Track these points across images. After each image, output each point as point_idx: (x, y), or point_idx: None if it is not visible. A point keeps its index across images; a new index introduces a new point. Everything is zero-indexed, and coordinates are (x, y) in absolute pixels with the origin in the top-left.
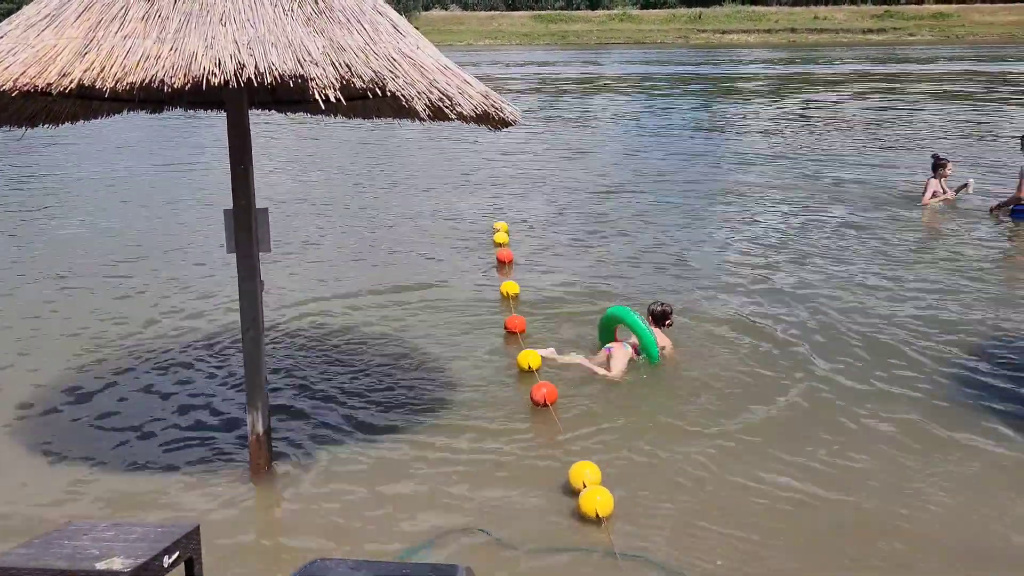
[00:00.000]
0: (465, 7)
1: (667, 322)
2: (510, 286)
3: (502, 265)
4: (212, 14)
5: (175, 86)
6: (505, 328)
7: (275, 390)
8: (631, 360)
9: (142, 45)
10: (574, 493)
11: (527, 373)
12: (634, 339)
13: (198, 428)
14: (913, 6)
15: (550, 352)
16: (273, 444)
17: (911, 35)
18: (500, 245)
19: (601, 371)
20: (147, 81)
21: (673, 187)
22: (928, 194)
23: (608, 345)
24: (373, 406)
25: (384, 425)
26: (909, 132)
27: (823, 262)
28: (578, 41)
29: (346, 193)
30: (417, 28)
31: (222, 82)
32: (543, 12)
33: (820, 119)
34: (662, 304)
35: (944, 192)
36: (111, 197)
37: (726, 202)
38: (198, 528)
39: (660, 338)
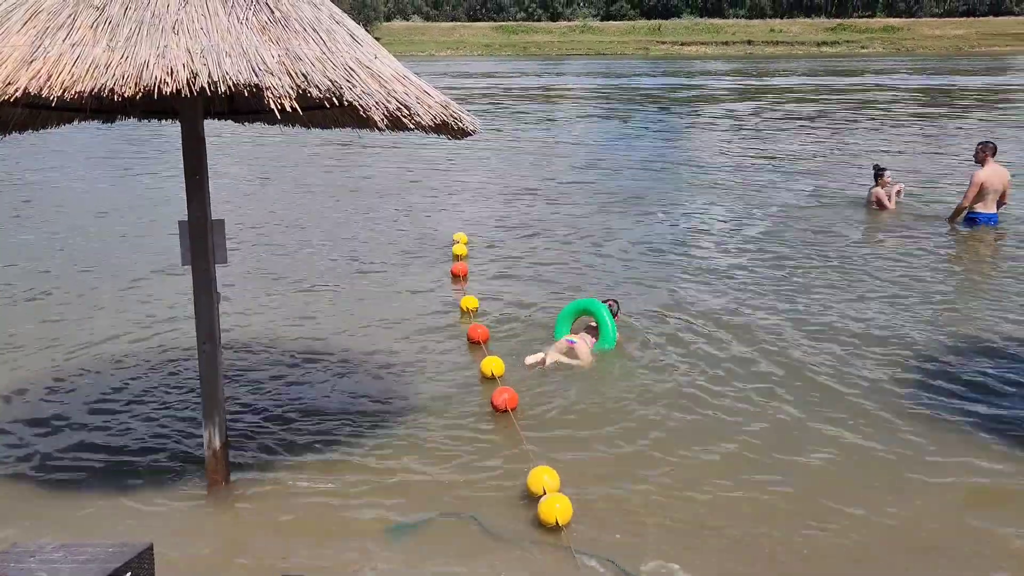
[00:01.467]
0: (427, 18)
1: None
2: (469, 301)
3: (457, 278)
4: (164, 22)
5: (126, 95)
6: (468, 338)
7: (232, 403)
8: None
9: (91, 53)
10: (534, 499)
11: (490, 380)
12: (585, 334)
13: (152, 443)
14: (865, 19)
15: (537, 358)
16: (230, 458)
17: (863, 47)
18: (459, 257)
19: (576, 362)
20: (96, 90)
21: (630, 195)
22: (882, 201)
23: (569, 338)
24: (333, 418)
25: (344, 436)
26: (859, 142)
27: (775, 271)
28: (539, 52)
29: (303, 204)
30: (378, 38)
31: (174, 91)
32: (504, 23)
33: (773, 129)
34: (614, 300)
35: (888, 200)
36: (61, 207)
37: (681, 210)
38: (151, 547)
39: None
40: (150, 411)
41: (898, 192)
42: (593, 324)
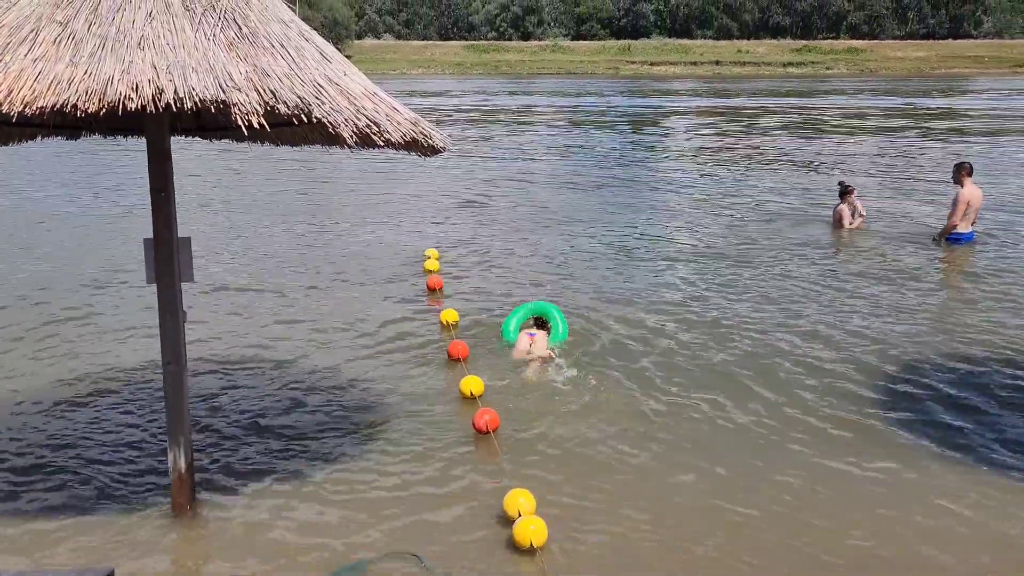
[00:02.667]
0: (398, 36)
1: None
2: (449, 314)
3: (432, 292)
4: (130, 38)
5: (89, 111)
6: (448, 355)
7: (198, 426)
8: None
9: (53, 68)
10: (509, 522)
11: (469, 400)
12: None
13: (115, 466)
14: (829, 41)
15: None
16: (196, 482)
17: (828, 68)
18: (431, 272)
19: (541, 355)
20: (59, 105)
21: (599, 211)
22: (844, 219)
23: (529, 331)
24: (304, 439)
25: (315, 460)
26: (828, 160)
27: (747, 290)
28: (510, 71)
29: (274, 220)
30: (349, 56)
31: (139, 107)
32: (476, 42)
33: (741, 147)
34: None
35: (852, 218)
36: (23, 225)
37: (649, 227)
38: (113, 573)
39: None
40: (113, 433)
41: (859, 212)
42: (532, 325)
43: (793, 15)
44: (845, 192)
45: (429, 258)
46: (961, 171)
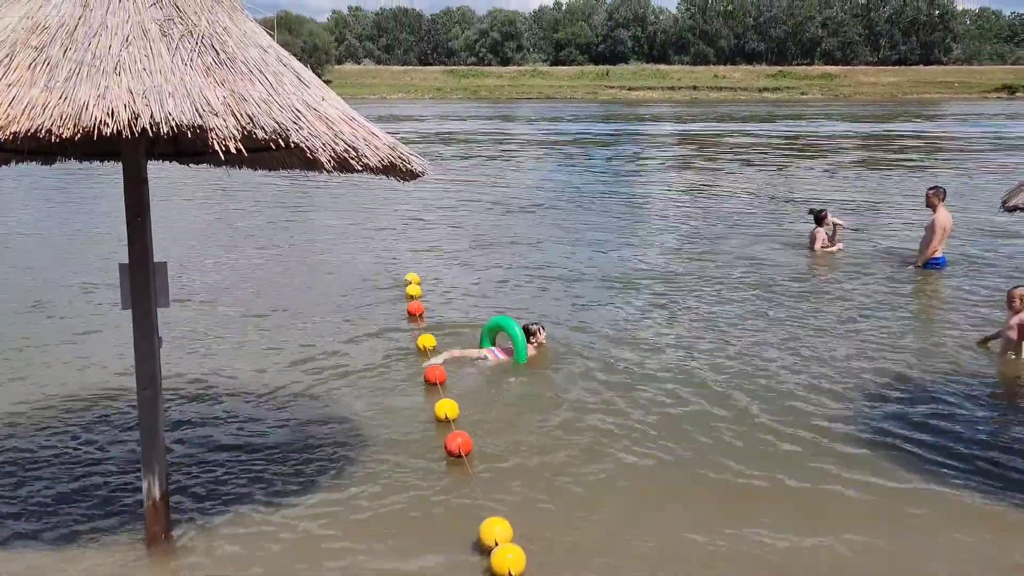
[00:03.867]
0: (378, 61)
1: (531, 338)
2: (426, 339)
3: (413, 317)
4: (106, 64)
5: (64, 136)
6: (425, 379)
7: (173, 453)
8: (504, 361)
9: (28, 94)
10: (485, 551)
11: (444, 423)
12: (507, 346)
13: (89, 494)
14: (804, 67)
15: (449, 355)
16: (171, 510)
17: (803, 94)
18: (412, 297)
19: (477, 356)
20: (33, 131)
21: (579, 236)
22: (818, 242)
23: (491, 350)
24: (280, 466)
25: (291, 484)
26: (801, 187)
27: (722, 313)
28: (489, 96)
29: (252, 245)
30: (329, 81)
31: (115, 132)
32: (455, 67)
33: (718, 172)
34: (535, 324)
35: (827, 241)
36: None
37: (626, 251)
38: None
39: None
40: (86, 461)
41: (835, 228)
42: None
43: (768, 41)
44: (820, 218)
45: (410, 283)
46: (936, 196)
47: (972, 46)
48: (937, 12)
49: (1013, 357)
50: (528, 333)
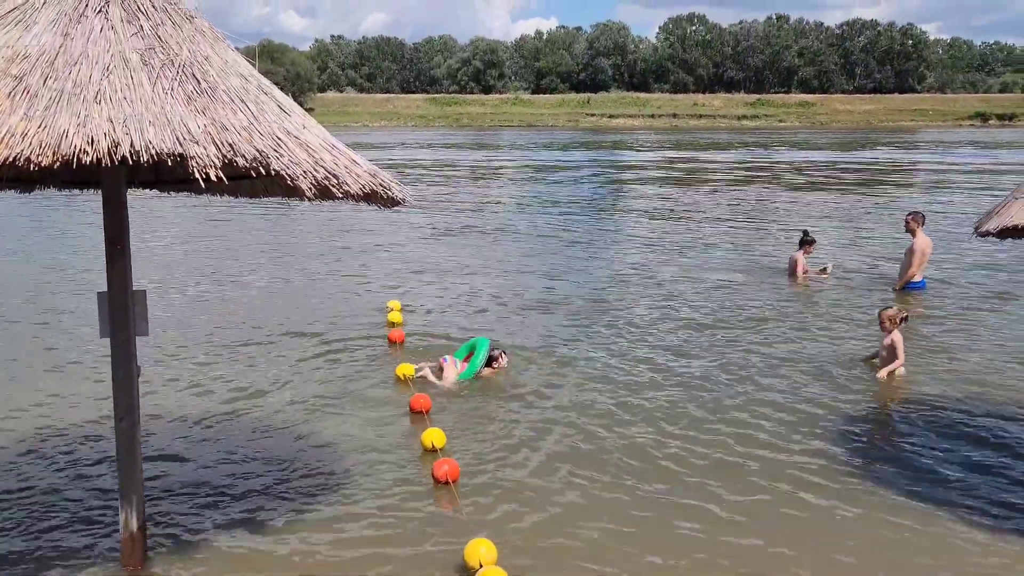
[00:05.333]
0: (361, 89)
1: (493, 363)
2: (405, 368)
3: (393, 345)
4: (86, 92)
5: (43, 164)
6: (410, 408)
7: (151, 483)
8: (452, 370)
9: (7, 122)
10: (470, 572)
11: (431, 452)
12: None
13: (65, 526)
14: (781, 95)
15: (424, 371)
16: (149, 542)
17: (781, 121)
18: (394, 324)
19: (439, 382)
20: (11, 159)
21: (557, 261)
22: (799, 267)
23: (444, 356)
24: (259, 496)
25: (271, 516)
26: (783, 213)
27: (702, 333)
28: (472, 123)
29: (233, 273)
30: (312, 109)
31: (94, 160)
32: (437, 95)
33: (697, 198)
34: (499, 351)
35: (803, 268)
36: None
37: (604, 275)
38: None
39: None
40: (63, 491)
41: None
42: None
43: (746, 70)
44: (806, 242)
45: (392, 310)
46: (915, 220)
47: (945, 75)
48: (911, 42)
49: (886, 375)
50: (491, 358)
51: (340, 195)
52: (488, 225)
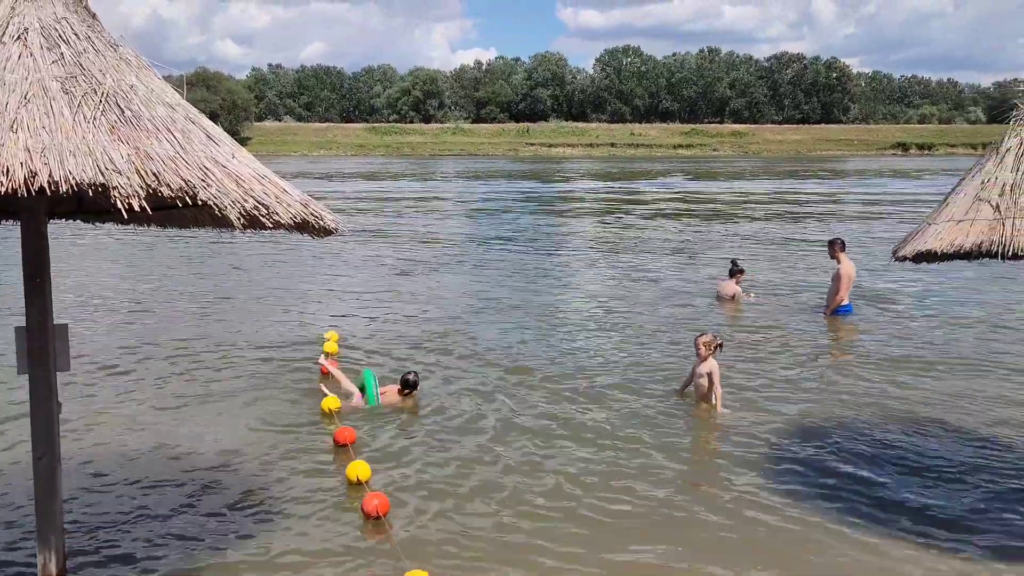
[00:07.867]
0: (299, 118)
1: (405, 390)
2: (331, 402)
3: (324, 378)
4: (2, 120)
5: None
6: (335, 441)
7: (71, 525)
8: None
9: None
10: None
11: (357, 486)
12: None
13: None
14: (715, 125)
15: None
16: None
17: (714, 150)
18: (329, 354)
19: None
20: None
21: (496, 290)
22: (726, 292)
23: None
24: (185, 538)
25: (196, 561)
26: (715, 240)
27: (638, 358)
28: (412, 152)
29: (161, 304)
30: (249, 138)
31: (10, 191)
32: (377, 124)
33: (635, 228)
34: (413, 373)
35: (732, 294)
36: None
37: (540, 303)
38: None
39: (386, 396)
40: None
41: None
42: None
43: (681, 101)
44: (736, 271)
45: (328, 340)
46: (835, 247)
47: (868, 107)
48: (835, 75)
49: (705, 406)
50: (406, 383)
51: (271, 225)
52: (430, 256)
